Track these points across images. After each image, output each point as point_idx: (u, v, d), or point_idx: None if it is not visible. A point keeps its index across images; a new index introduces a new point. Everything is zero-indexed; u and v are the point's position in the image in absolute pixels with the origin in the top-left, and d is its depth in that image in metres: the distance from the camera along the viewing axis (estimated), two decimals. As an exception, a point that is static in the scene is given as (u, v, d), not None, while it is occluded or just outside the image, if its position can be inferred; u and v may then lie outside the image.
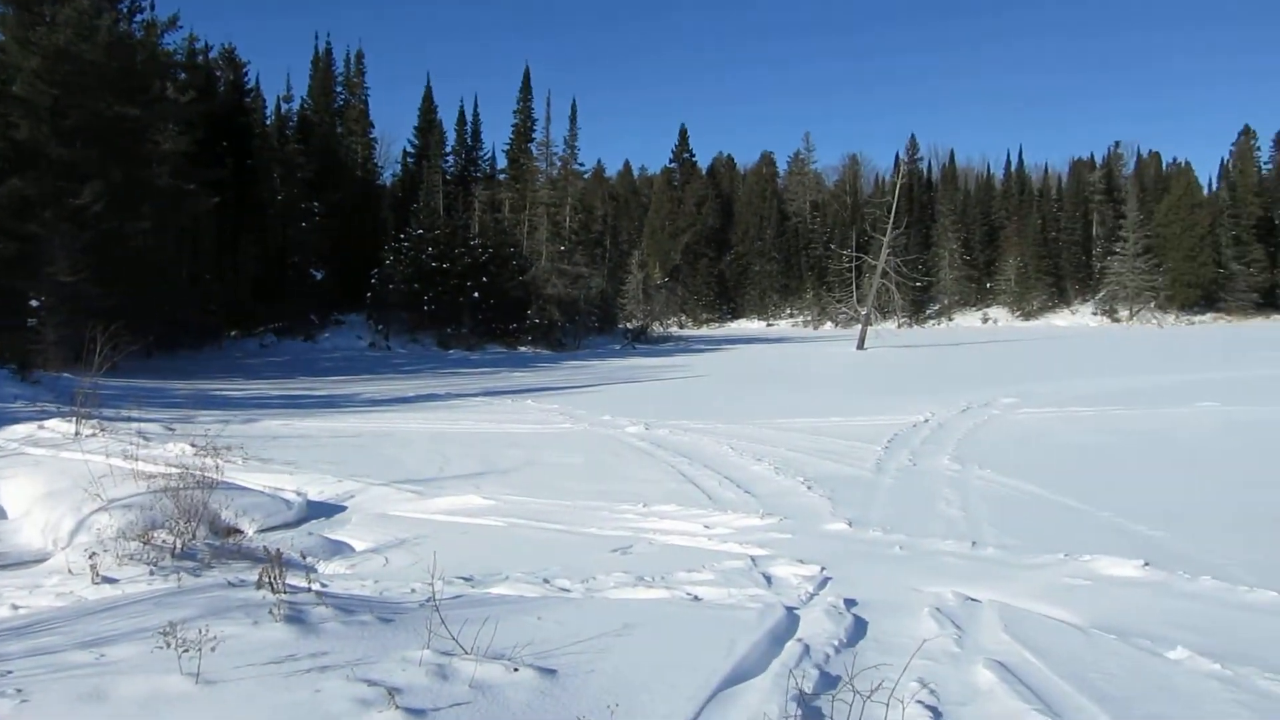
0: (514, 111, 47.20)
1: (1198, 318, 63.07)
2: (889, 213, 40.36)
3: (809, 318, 69.06)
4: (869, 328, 39.26)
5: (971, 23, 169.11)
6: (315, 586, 5.26)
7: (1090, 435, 12.63)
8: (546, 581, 5.90)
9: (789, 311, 71.57)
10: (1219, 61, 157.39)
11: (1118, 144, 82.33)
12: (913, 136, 77.78)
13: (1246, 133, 72.81)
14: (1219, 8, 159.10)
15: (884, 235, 38.91)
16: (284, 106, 45.56)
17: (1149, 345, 37.37)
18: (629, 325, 52.02)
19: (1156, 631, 4.85)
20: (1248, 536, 6.95)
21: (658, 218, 73.85)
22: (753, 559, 6.43)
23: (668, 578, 5.90)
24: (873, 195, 73.89)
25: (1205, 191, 69.41)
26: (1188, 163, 70.00)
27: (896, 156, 65.96)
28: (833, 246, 63.88)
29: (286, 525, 7.87)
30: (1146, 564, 6.10)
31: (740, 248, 73.58)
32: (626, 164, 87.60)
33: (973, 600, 5.43)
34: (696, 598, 5.49)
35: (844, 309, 59.18)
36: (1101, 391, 18.10)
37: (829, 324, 66.16)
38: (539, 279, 42.74)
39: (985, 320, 67.15)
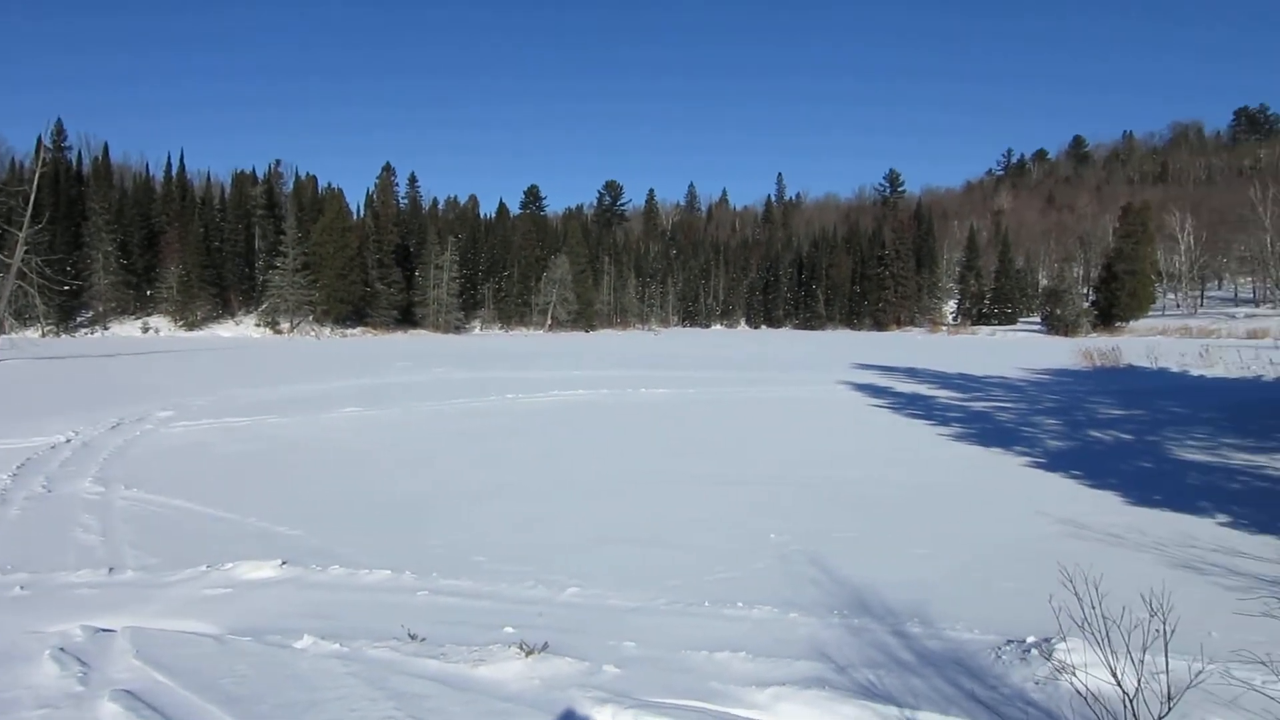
0: None
1: (350, 330, 69.81)
2: (27, 204, 35.20)
3: (-83, 323, 56.19)
4: (3, 336, 33.78)
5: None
6: None
7: (245, 444, 12.95)
8: None
9: (-113, 314, 57.12)
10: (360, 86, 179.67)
11: (278, 162, 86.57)
12: (59, 121, 69.59)
13: (388, 169, 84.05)
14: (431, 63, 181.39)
15: (20, 230, 33.89)
16: None
17: (306, 356, 39.93)
18: None
19: (289, 625, 5.25)
20: (369, 526, 7.98)
21: None
22: None
23: None
24: (8, 182, 63.25)
25: (355, 217, 77.13)
26: (340, 189, 76.72)
27: (39, 140, 57.60)
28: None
29: None
30: (284, 563, 6.55)
31: None
32: None
33: (105, 631, 5.13)
34: None
35: (-32, 313, 49.81)
36: (259, 401, 18.72)
37: (-53, 331, 54.96)
38: None
39: (146, 330, 63.41)
